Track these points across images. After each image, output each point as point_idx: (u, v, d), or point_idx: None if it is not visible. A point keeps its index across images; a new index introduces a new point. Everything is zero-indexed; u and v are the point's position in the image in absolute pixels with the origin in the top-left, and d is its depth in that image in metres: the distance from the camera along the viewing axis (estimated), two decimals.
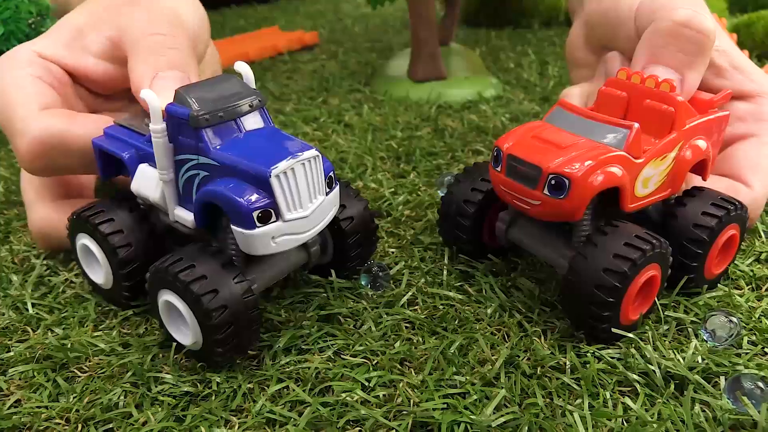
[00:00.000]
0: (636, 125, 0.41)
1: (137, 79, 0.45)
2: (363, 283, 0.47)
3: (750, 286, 0.48)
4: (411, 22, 0.85)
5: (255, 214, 0.37)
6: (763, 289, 0.48)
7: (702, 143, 0.45)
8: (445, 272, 0.49)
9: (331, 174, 0.41)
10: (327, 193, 0.41)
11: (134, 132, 0.45)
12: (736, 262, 0.50)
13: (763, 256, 0.51)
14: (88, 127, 0.46)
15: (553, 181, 0.40)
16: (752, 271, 0.49)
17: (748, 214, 0.49)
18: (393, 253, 0.52)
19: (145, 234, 0.45)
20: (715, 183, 0.49)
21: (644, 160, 0.42)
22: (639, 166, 0.42)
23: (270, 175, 0.37)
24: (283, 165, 0.37)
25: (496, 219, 0.48)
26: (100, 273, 0.46)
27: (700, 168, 0.46)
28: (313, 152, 0.39)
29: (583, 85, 0.55)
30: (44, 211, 0.50)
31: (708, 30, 0.45)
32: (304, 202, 0.39)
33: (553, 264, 0.45)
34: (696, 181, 0.48)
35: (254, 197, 0.37)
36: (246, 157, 0.38)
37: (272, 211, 0.38)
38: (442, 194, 0.50)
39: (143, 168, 0.43)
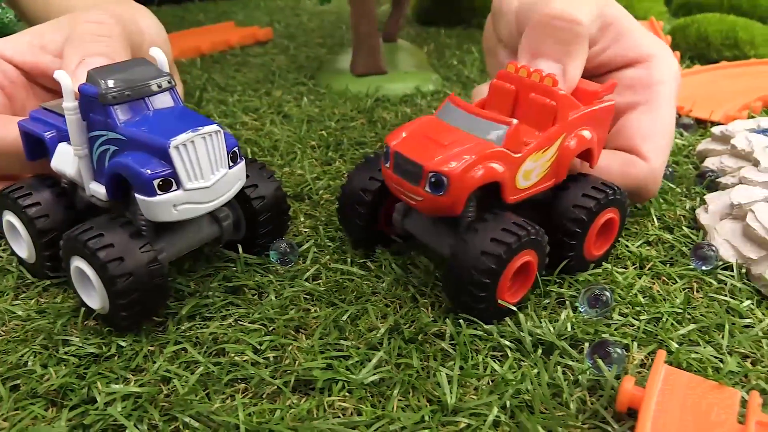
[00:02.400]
0: (515, 122, 0.43)
1: (65, 63, 0.48)
2: (273, 259, 0.50)
3: (635, 266, 0.52)
4: (351, 17, 0.88)
5: (155, 182, 0.40)
6: (646, 268, 0.51)
7: (587, 133, 0.47)
8: (350, 250, 0.52)
9: (236, 149, 0.44)
10: (231, 167, 0.44)
11: (56, 114, 0.47)
12: (626, 243, 0.54)
13: (652, 239, 0.55)
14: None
15: (433, 179, 0.41)
16: (640, 252, 0.53)
17: (647, 186, 0.51)
18: (306, 232, 0.55)
19: (63, 207, 0.47)
20: (610, 159, 0.51)
21: (524, 154, 0.44)
22: (519, 161, 0.44)
23: (169, 146, 0.40)
24: (182, 137, 0.40)
25: (393, 209, 0.50)
26: (24, 247, 0.49)
27: (587, 156, 0.49)
28: (213, 127, 0.42)
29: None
30: None
31: (579, 19, 0.48)
32: (205, 173, 0.42)
33: (442, 253, 0.47)
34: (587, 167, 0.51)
35: (154, 166, 0.40)
36: (149, 131, 0.41)
37: (173, 180, 0.41)
38: None
39: (62, 146, 0.46)
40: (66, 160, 0.45)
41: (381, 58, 0.90)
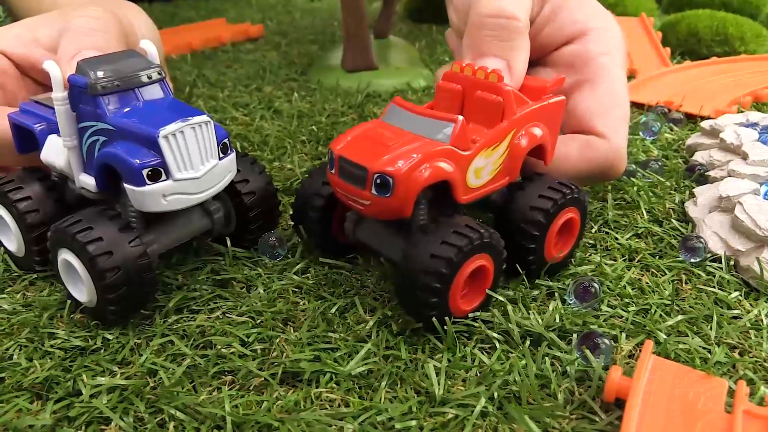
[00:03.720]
0: (460, 118, 0.41)
1: (59, 55, 0.47)
2: (261, 252, 0.50)
3: (624, 258, 0.52)
4: (342, 14, 0.88)
5: (144, 172, 0.40)
6: (635, 260, 0.51)
7: (537, 130, 0.46)
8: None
9: (226, 141, 0.44)
10: (221, 158, 0.44)
11: (46, 106, 0.47)
12: (616, 236, 0.54)
13: (641, 232, 0.55)
14: None
15: (378, 180, 0.40)
16: (629, 244, 0.53)
17: (612, 164, 0.50)
18: None
19: (54, 201, 0.47)
20: (568, 145, 0.50)
21: (473, 152, 0.42)
22: (468, 158, 0.42)
23: (158, 136, 0.40)
24: (171, 127, 0.40)
25: (345, 216, 0.48)
26: (13, 240, 0.48)
27: (540, 153, 0.47)
28: (203, 117, 0.42)
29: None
30: None
31: (513, 14, 0.47)
32: (195, 163, 0.42)
33: (394, 261, 0.45)
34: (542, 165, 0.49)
35: (144, 156, 0.40)
36: (139, 121, 0.41)
37: (162, 170, 0.40)
38: None
39: (52, 138, 0.46)
40: (56, 151, 0.45)
41: (371, 53, 0.90)
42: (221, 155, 0.44)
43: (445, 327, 0.41)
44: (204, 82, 0.91)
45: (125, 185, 0.41)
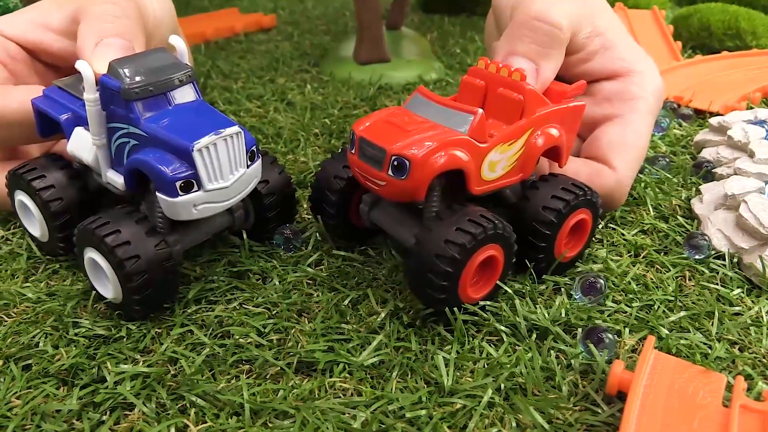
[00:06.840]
0: (480, 111, 0.43)
1: (81, 44, 0.48)
2: (277, 245, 0.52)
3: (630, 254, 0.53)
4: (355, 5, 0.89)
5: (178, 183, 0.41)
6: (640, 256, 0.53)
7: (554, 131, 0.47)
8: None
9: (253, 148, 0.45)
10: (248, 166, 0.45)
11: (72, 95, 0.47)
12: (622, 232, 0.55)
13: (647, 228, 0.56)
14: (25, 98, 0.48)
15: (395, 162, 0.41)
16: (635, 240, 0.54)
17: (613, 196, 0.52)
18: (308, 218, 0.57)
19: (76, 189, 0.48)
20: (580, 167, 0.52)
21: (489, 144, 0.43)
22: (484, 151, 0.43)
23: (193, 149, 0.40)
24: (205, 140, 0.41)
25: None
26: (36, 227, 0.50)
27: (556, 155, 0.49)
28: (235, 129, 0.42)
29: None
30: None
31: (558, 23, 0.48)
32: (225, 174, 0.43)
33: (407, 245, 0.46)
34: (556, 167, 0.50)
35: (178, 168, 0.41)
36: (172, 131, 0.42)
37: (194, 181, 0.41)
38: None
39: (79, 131, 0.46)
40: (83, 145, 0.46)
41: (384, 46, 0.91)
42: (249, 162, 0.45)
43: (455, 317, 0.43)
44: (218, 73, 0.93)
45: (158, 194, 0.42)
